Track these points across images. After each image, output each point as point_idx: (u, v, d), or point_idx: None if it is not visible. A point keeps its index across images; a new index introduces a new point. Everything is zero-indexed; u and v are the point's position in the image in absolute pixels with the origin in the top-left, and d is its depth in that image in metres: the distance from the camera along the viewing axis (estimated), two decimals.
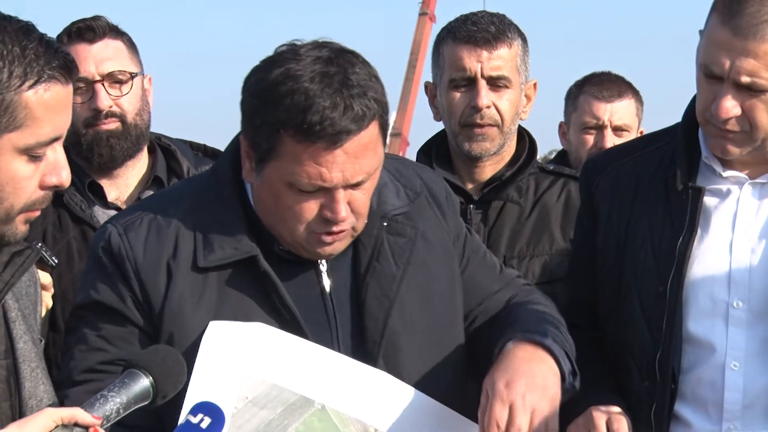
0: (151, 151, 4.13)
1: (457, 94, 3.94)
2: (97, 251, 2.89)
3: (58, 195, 3.88)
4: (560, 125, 5.39)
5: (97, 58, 3.95)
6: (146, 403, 2.53)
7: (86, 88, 3.94)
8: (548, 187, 4.04)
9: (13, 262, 2.48)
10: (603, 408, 3.19)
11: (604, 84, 5.25)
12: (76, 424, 2.36)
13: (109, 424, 2.46)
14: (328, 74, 2.76)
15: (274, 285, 2.86)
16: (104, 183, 4.01)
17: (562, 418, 3.35)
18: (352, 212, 2.84)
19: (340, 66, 2.79)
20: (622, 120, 5.17)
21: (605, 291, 3.37)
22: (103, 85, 3.94)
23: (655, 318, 3.24)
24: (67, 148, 4.00)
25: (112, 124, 3.95)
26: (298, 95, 2.74)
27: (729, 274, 3.23)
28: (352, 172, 2.78)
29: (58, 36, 4.00)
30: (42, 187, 2.43)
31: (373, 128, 2.80)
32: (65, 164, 2.45)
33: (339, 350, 2.89)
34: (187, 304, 2.84)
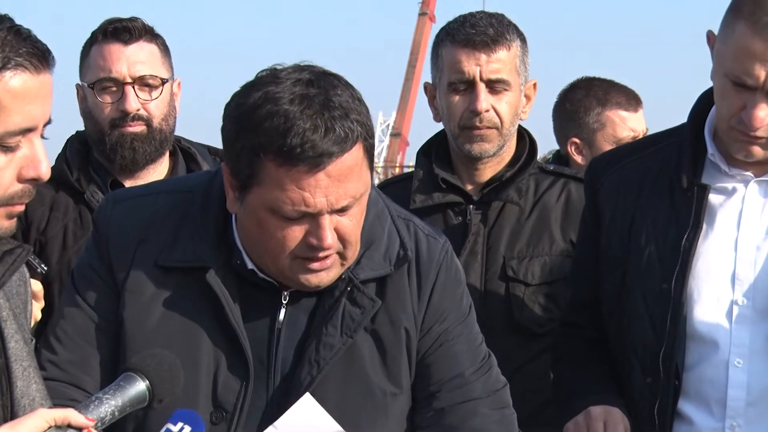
0: (172, 154, 4.09)
1: (457, 97, 3.85)
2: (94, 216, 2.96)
3: (79, 193, 3.94)
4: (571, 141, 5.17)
5: (130, 60, 3.92)
6: (142, 406, 2.47)
7: (116, 88, 3.92)
8: (548, 187, 3.95)
9: (3, 261, 2.41)
10: (601, 409, 3.12)
11: None
12: (69, 426, 2.29)
13: (103, 427, 2.39)
14: (309, 96, 2.63)
15: (219, 302, 2.76)
16: (126, 183, 3.95)
17: (560, 417, 3.27)
18: (339, 239, 2.70)
19: (321, 88, 2.65)
20: None
21: (609, 288, 3.29)
22: (133, 87, 3.91)
23: (658, 315, 3.17)
24: (91, 147, 4.14)
25: (138, 127, 3.92)
26: (278, 118, 2.60)
27: (734, 271, 3.16)
28: (337, 196, 2.64)
29: (93, 33, 3.98)
30: (20, 179, 2.32)
31: (357, 151, 2.66)
32: (44, 157, 2.33)
33: (273, 390, 2.80)
34: (143, 294, 2.80)
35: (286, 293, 2.81)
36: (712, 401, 3.17)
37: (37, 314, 3.43)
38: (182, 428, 2.51)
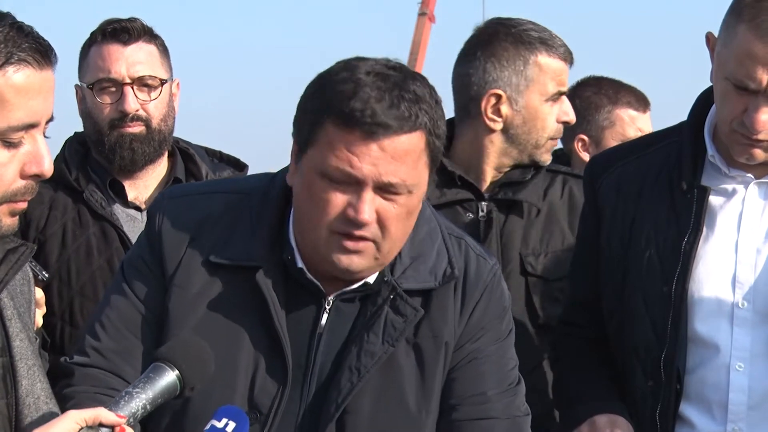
0: (170, 154, 4.09)
1: (554, 109, 3.86)
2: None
3: (77, 192, 3.93)
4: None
5: (129, 60, 3.92)
6: (174, 396, 2.43)
7: (115, 89, 3.91)
8: (549, 185, 3.94)
9: (7, 260, 2.40)
10: (606, 418, 3.10)
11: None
12: (100, 425, 2.28)
13: (136, 421, 2.36)
14: (386, 74, 2.65)
15: (266, 303, 2.75)
16: (125, 183, 3.97)
17: (562, 421, 3.29)
18: (378, 224, 2.67)
19: (402, 73, 2.68)
20: None
21: (609, 290, 3.27)
22: (132, 88, 3.90)
23: (659, 318, 3.15)
24: (90, 148, 4.13)
25: (137, 128, 3.92)
26: (350, 83, 2.63)
27: (734, 274, 3.15)
28: (386, 169, 2.62)
29: (92, 34, 3.97)
30: (23, 176, 2.32)
31: (418, 139, 2.65)
32: (46, 153, 2.34)
33: (308, 395, 2.79)
34: (190, 290, 2.78)
35: (330, 298, 2.79)
36: (714, 405, 3.16)
37: (38, 321, 3.42)
38: (227, 424, 2.48)
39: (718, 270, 3.17)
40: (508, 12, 3.98)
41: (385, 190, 2.67)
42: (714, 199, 3.19)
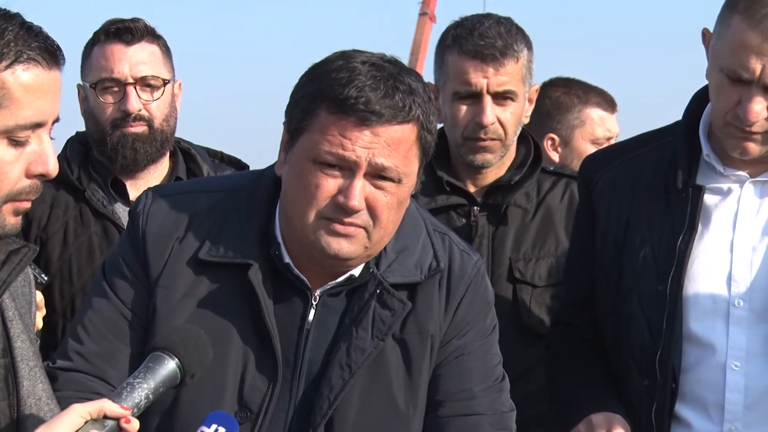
0: (172, 154, 4.10)
1: (461, 107, 3.79)
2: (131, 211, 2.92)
3: (79, 191, 3.95)
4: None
5: (132, 60, 3.93)
6: (175, 384, 2.42)
7: (118, 89, 3.93)
8: (550, 188, 3.92)
9: (9, 261, 2.40)
10: (603, 416, 3.10)
11: None
12: (105, 417, 2.28)
13: (139, 412, 2.35)
14: (382, 66, 2.67)
15: (258, 300, 2.74)
16: (126, 182, 3.98)
17: (559, 421, 3.27)
18: (368, 211, 2.68)
19: (397, 67, 2.70)
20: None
21: (604, 290, 3.27)
22: (134, 88, 3.92)
23: (654, 317, 3.15)
24: (91, 147, 4.12)
25: (139, 128, 3.93)
26: (345, 71, 2.65)
27: (729, 272, 3.15)
28: (379, 152, 2.63)
29: (95, 33, 3.99)
30: (28, 175, 2.33)
31: (410, 131, 2.67)
32: (52, 153, 2.34)
33: (297, 392, 2.79)
34: (177, 290, 2.77)
35: (316, 294, 2.80)
36: (710, 404, 3.15)
37: (38, 323, 3.43)
38: (216, 430, 2.48)
39: (714, 269, 3.17)
40: (508, 12, 3.92)
41: (376, 175, 2.68)
42: (709, 198, 3.19)
